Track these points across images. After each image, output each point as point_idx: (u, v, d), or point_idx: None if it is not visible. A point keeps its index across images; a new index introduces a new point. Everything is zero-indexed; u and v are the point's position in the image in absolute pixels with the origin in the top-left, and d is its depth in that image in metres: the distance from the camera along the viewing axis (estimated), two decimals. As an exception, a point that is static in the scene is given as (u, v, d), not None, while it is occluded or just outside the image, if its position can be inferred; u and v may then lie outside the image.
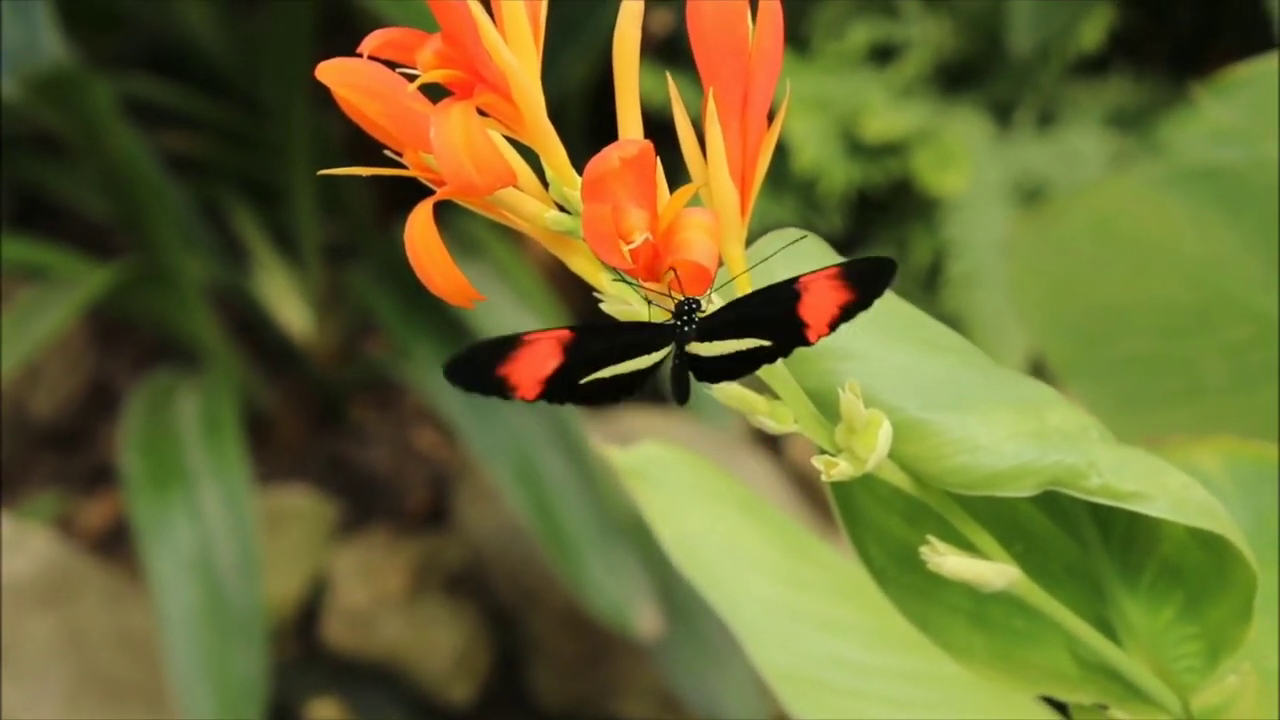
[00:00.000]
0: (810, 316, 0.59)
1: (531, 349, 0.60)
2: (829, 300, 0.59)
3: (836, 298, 0.59)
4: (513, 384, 0.60)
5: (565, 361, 0.61)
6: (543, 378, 0.60)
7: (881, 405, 0.64)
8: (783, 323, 0.60)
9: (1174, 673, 0.72)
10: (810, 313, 0.59)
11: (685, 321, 0.60)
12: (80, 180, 2.37)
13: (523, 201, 0.60)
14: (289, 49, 2.26)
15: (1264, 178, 1.31)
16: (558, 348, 0.61)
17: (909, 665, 0.96)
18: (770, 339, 0.60)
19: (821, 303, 0.59)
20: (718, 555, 0.98)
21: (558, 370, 0.61)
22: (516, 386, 0.60)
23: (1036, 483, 0.64)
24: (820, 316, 0.59)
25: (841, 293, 0.59)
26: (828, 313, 0.59)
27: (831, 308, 0.59)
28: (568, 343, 0.61)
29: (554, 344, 0.61)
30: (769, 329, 0.60)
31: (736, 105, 0.61)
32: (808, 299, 0.59)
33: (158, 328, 2.40)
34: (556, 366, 0.61)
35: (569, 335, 0.61)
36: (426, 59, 0.58)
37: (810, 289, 0.59)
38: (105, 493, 2.42)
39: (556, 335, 0.61)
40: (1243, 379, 1.31)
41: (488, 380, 0.60)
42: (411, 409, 2.52)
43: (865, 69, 2.39)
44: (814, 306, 0.59)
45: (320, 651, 2.27)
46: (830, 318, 0.59)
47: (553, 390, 0.61)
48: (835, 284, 0.59)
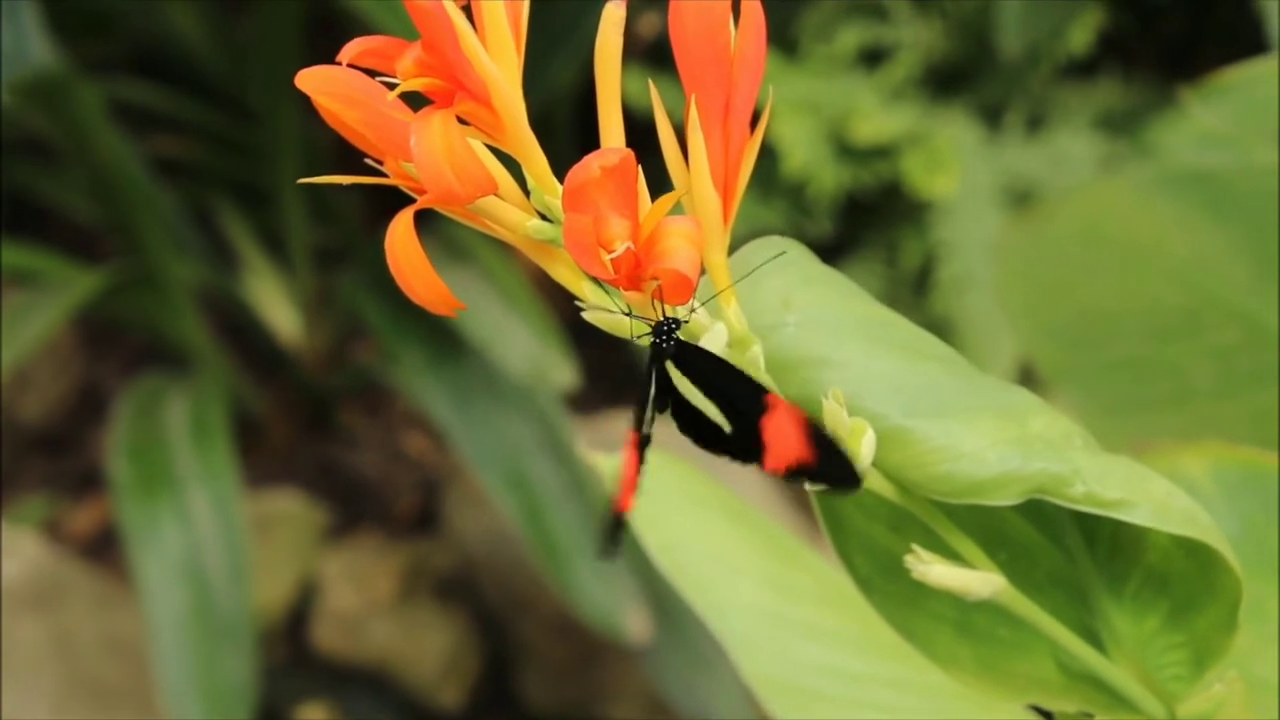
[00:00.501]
0: (772, 442, 0.60)
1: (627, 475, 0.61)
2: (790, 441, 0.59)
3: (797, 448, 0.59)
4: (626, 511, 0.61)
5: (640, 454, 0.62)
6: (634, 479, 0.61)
7: (865, 413, 0.63)
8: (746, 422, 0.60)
9: (1160, 681, 0.72)
10: (773, 437, 0.60)
11: (665, 340, 0.60)
12: (69, 184, 2.36)
13: (504, 210, 0.60)
14: (277, 53, 2.26)
15: (1252, 181, 1.31)
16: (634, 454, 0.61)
17: (895, 672, 0.95)
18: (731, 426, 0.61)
19: (784, 438, 0.59)
20: (703, 562, 0.98)
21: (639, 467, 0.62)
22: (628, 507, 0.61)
23: (1020, 491, 0.64)
24: (780, 453, 0.60)
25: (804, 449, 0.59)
26: (785, 457, 0.59)
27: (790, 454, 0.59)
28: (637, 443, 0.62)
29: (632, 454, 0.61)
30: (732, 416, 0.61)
31: (719, 112, 0.61)
32: (772, 420, 0.59)
33: (147, 332, 2.40)
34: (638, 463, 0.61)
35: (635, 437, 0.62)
36: (406, 67, 0.58)
37: (777, 412, 0.59)
38: (94, 497, 2.41)
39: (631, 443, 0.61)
40: (1231, 383, 1.31)
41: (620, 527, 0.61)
42: (400, 413, 2.51)
43: (855, 72, 2.39)
44: (777, 435, 0.59)
45: (309, 656, 2.27)
46: (786, 464, 0.60)
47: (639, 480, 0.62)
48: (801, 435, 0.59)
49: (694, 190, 0.61)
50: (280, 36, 2.26)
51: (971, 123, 2.35)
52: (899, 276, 2.34)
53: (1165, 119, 2.21)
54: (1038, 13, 2.26)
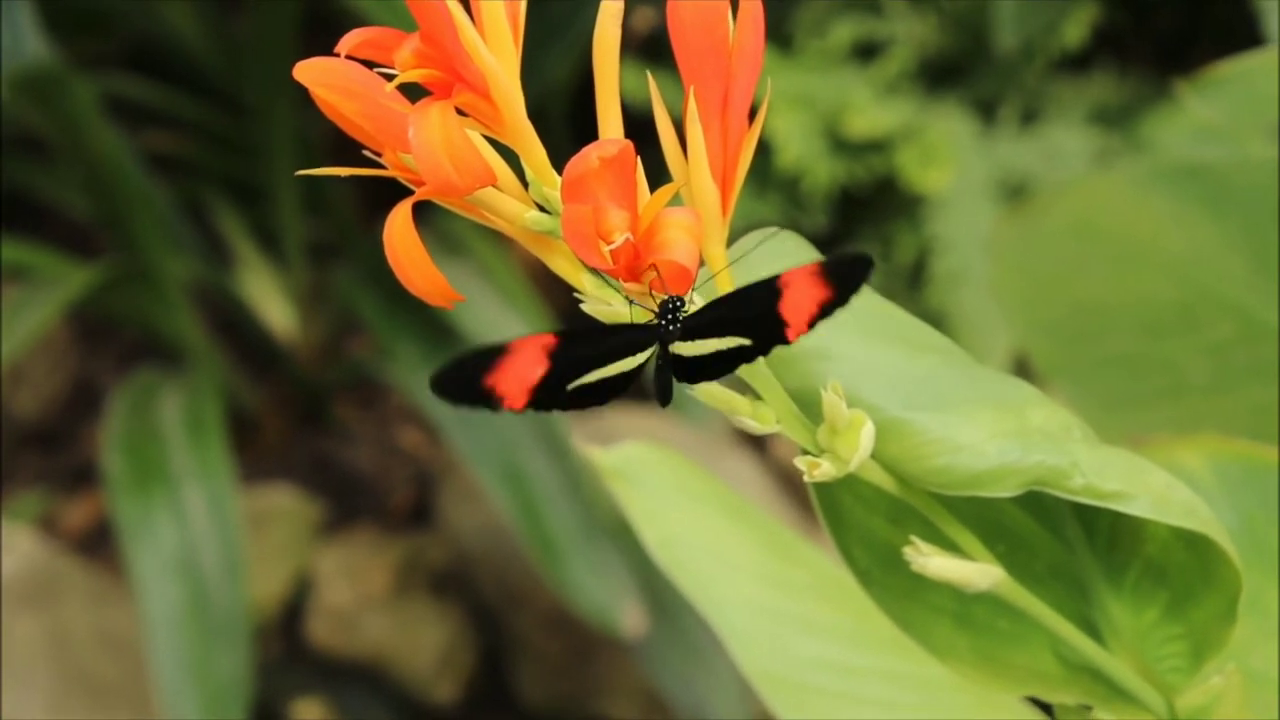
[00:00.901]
0: (790, 315, 0.58)
1: (516, 357, 0.59)
2: (808, 298, 0.58)
3: (815, 295, 0.58)
4: (500, 394, 0.59)
5: (552, 368, 0.60)
6: (530, 386, 0.59)
7: (864, 405, 0.63)
8: (763, 321, 0.59)
9: (1158, 673, 0.72)
10: (790, 311, 0.58)
11: (670, 321, 0.60)
12: (63, 180, 2.36)
13: (502, 201, 0.60)
14: (271, 48, 2.25)
15: (1247, 175, 1.30)
16: (543, 354, 0.60)
17: (893, 666, 0.95)
18: (751, 338, 0.59)
19: (801, 300, 0.58)
20: (701, 556, 0.98)
21: (545, 377, 0.60)
22: (504, 396, 0.59)
23: (1019, 483, 0.64)
24: (800, 315, 0.58)
25: (820, 290, 0.58)
26: (807, 311, 0.58)
27: (811, 305, 0.58)
28: (553, 348, 0.60)
29: (539, 350, 0.60)
30: (750, 327, 0.59)
31: (717, 104, 0.61)
32: (788, 296, 0.58)
33: (141, 327, 2.40)
34: (543, 374, 0.60)
35: (554, 341, 0.60)
36: (405, 58, 0.58)
37: (790, 286, 0.58)
38: (88, 493, 2.41)
39: (541, 341, 0.60)
40: (1226, 378, 1.31)
41: (475, 392, 0.59)
42: (395, 408, 2.51)
43: (849, 66, 2.39)
44: (794, 304, 0.58)
45: (304, 651, 2.26)
46: (809, 316, 0.58)
47: (540, 398, 0.60)
48: (814, 281, 0.58)
49: (692, 182, 0.60)
50: (275, 33, 2.26)
51: (966, 117, 2.36)
52: (893, 270, 2.34)
53: (1160, 113, 2.22)
54: (1032, 7, 2.26)
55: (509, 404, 0.59)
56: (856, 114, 2.30)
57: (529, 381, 0.59)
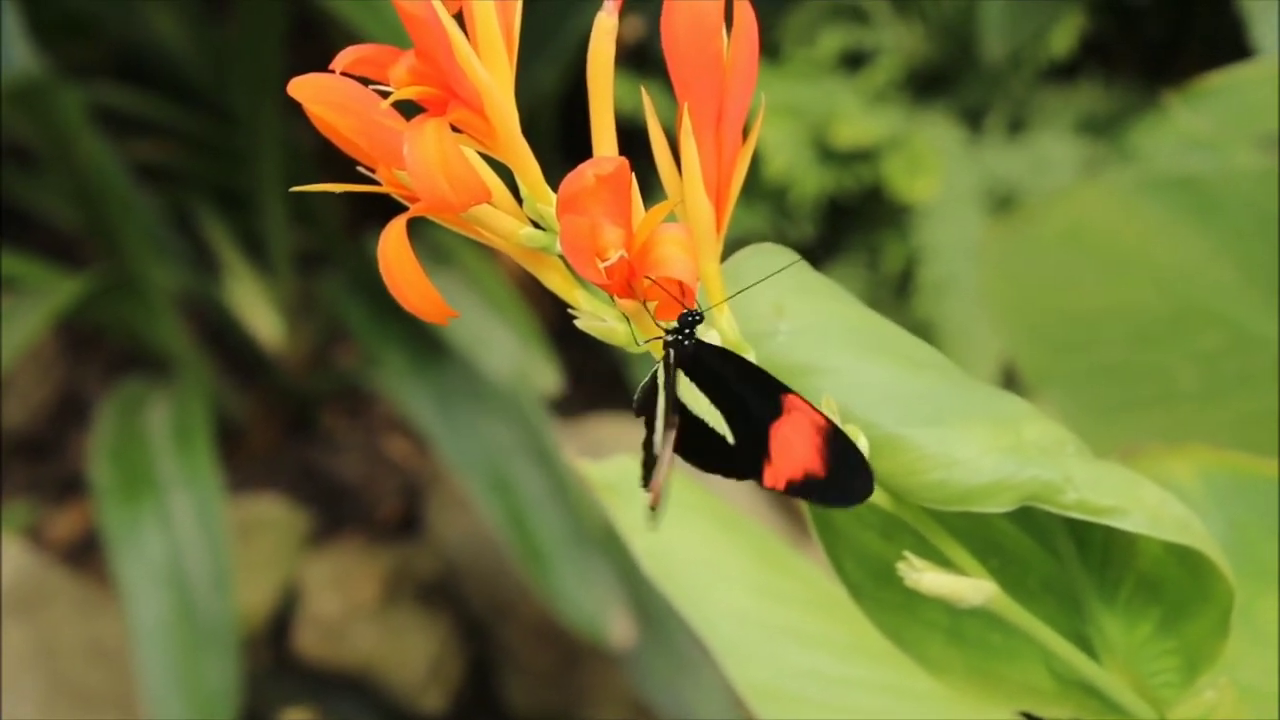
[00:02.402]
0: (778, 450, 0.59)
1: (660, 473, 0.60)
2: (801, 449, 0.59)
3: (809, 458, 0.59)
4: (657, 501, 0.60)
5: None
6: None
7: (858, 420, 0.63)
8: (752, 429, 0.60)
9: (1151, 687, 0.72)
10: (780, 445, 0.59)
11: (685, 336, 0.60)
12: (50, 189, 2.36)
13: (497, 218, 0.60)
14: (258, 57, 2.25)
15: (1235, 185, 1.31)
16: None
17: (884, 678, 0.95)
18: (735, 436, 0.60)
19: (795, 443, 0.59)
20: (691, 568, 0.98)
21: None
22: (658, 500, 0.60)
23: (1013, 498, 0.64)
24: (784, 463, 0.59)
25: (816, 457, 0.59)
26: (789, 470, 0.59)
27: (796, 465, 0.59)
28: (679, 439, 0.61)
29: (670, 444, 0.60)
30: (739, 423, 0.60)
31: (711, 119, 0.60)
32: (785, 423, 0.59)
33: (128, 337, 2.39)
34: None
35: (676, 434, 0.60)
36: (400, 75, 0.58)
37: (794, 414, 0.59)
38: (76, 503, 2.41)
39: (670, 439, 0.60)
40: (1214, 386, 1.31)
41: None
42: (382, 417, 2.51)
43: (836, 76, 2.39)
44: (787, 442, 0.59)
45: (292, 661, 2.26)
46: (789, 478, 0.59)
47: None
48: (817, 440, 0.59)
49: (687, 198, 0.60)
50: (261, 41, 2.25)
51: (953, 126, 2.36)
52: (881, 280, 2.34)
53: (1147, 123, 2.22)
54: (1019, 16, 2.26)
55: None
56: (844, 123, 2.30)
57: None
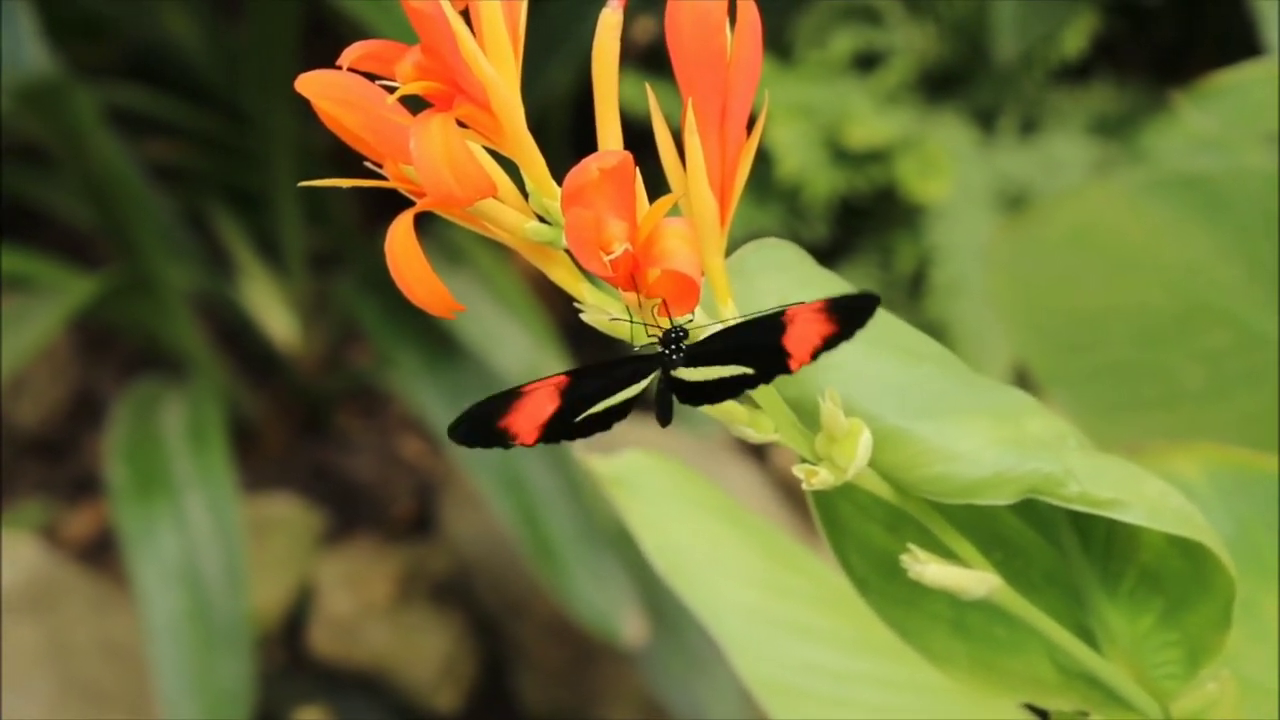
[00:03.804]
0: (794, 347, 0.60)
1: (529, 399, 0.62)
2: (813, 331, 0.60)
3: (820, 329, 0.60)
4: (513, 433, 0.62)
5: (562, 405, 0.62)
6: (541, 423, 0.62)
7: (861, 414, 0.64)
8: (768, 352, 0.60)
9: (1154, 679, 0.72)
10: (794, 343, 0.60)
11: (674, 350, 0.61)
12: (64, 189, 2.37)
13: (503, 212, 0.60)
14: (271, 57, 2.26)
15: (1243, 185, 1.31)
16: (554, 394, 0.62)
17: (890, 673, 0.96)
18: (754, 366, 0.61)
19: (805, 334, 0.60)
20: (700, 563, 0.98)
21: (554, 414, 0.62)
22: (516, 435, 0.62)
23: (1015, 491, 0.64)
24: (803, 346, 0.60)
25: (825, 325, 0.60)
26: (810, 343, 0.60)
27: (814, 338, 0.60)
28: (564, 388, 0.62)
29: (551, 391, 0.62)
30: (754, 357, 0.61)
31: (715, 115, 0.61)
32: (793, 330, 0.60)
33: (142, 337, 2.40)
34: (553, 411, 0.62)
35: (565, 381, 0.62)
36: (406, 71, 0.58)
37: (796, 321, 0.60)
38: (90, 502, 2.41)
39: (553, 383, 0.62)
40: (1221, 386, 1.31)
41: (490, 434, 0.62)
42: (396, 417, 2.52)
43: (848, 77, 2.39)
44: (798, 337, 0.60)
45: (306, 660, 2.27)
46: (812, 348, 0.60)
47: (550, 433, 0.62)
48: (820, 316, 0.60)
49: (691, 193, 0.61)
50: (274, 41, 2.26)
51: (965, 127, 2.36)
52: (893, 280, 2.34)
53: (1158, 123, 2.22)
54: (1031, 17, 2.26)
55: (521, 441, 0.62)
56: (856, 124, 2.30)
57: (540, 419, 0.62)
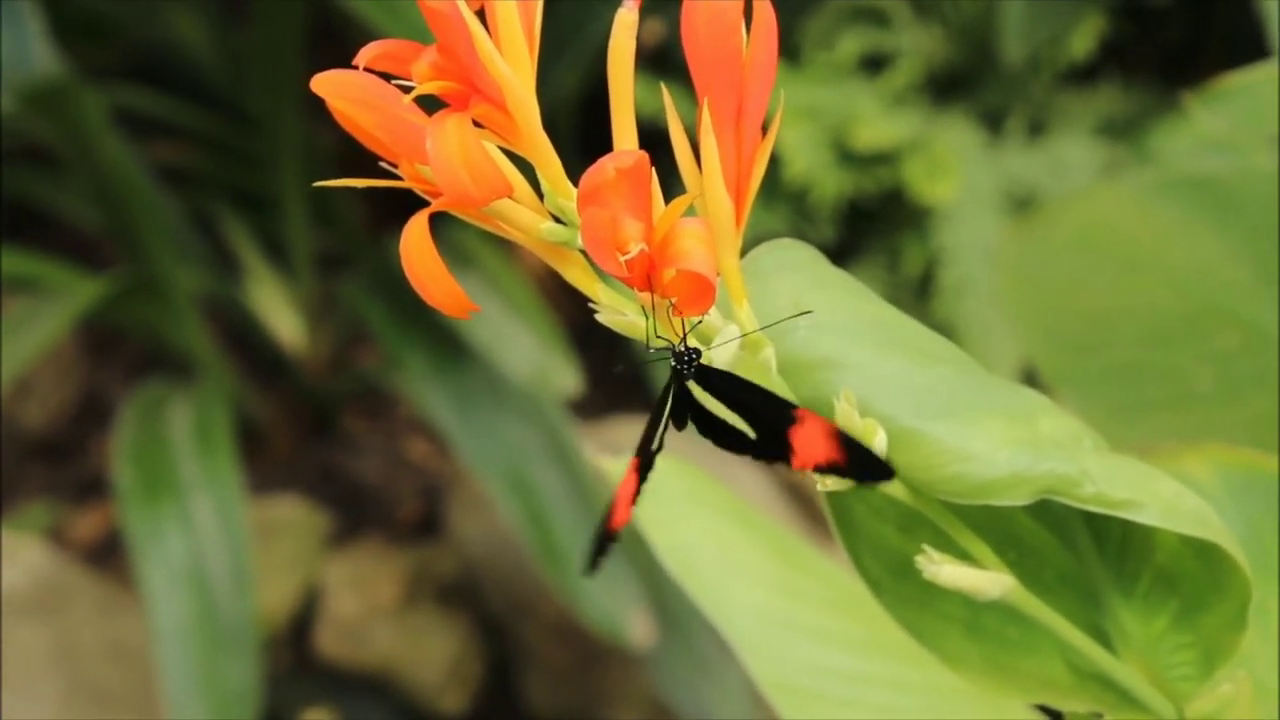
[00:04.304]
0: (800, 446, 0.61)
1: (621, 496, 0.62)
2: (819, 446, 0.61)
3: (827, 450, 0.61)
4: (619, 527, 0.62)
5: (640, 476, 0.63)
6: (630, 499, 0.63)
7: (876, 414, 0.64)
8: (773, 431, 0.61)
9: (1169, 680, 0.72)
10: (801, 443, 0.61)
11: (685, 366, 0.61)
12: (71, 191, 2.37)
13: (518, 213, 0.60)
14: (278, 59, 2.26)
15: (1252, 186, 1.31)
16: (634, 476, 0.63)
17: (901, 675, 0.96)
18: (758, 434, 0.62)
19: (812, 443, 0.61)
20: (711, 564, 0.98)
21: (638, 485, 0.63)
22: (620, 524, 0.63)
23: (1030, 491, 0.64)
24: (808, 454, 0.61)
25: (833, 451, 0.61)
26: (814, 457, 0.61)
27: (819, 455, 0.61)
28: (638, 466, 0.63)
29: (632, 476, 0.63)
30: (760, 426, 0.62)
31: (731, 115, 0.61)
32: (801, 431, 0.61)
33: (149, 339, 2.40)
34: (637, 483, 0.63)
35: (636, 461, 0.63)
36: (422, 70, 0.58)
37: (806, 424, 0.61)
38: (97, 504, 2.41)
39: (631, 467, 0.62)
40: (1231, 387, 1.31)
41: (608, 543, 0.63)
42: (403, 419, 2.52)
43: (856, 79, 2.39)
44: (805, 442, 0.61)
45: (312, 662, 2.27)
46: (815, 463, 0.61)
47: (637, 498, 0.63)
48: (831, 441, 0.61)
49: (707, 193, 0.61)
50: (281, 43, 2.26)
51: (972, 129, 2.36)
52: (901, 282, 2.34)
53: (1166, 125, 2.22)
54: (1039, 19, 2.26)
55: (622, 523, 0.63)
56: (864, 126, 2.30)
57: (629, 497, 0.63)
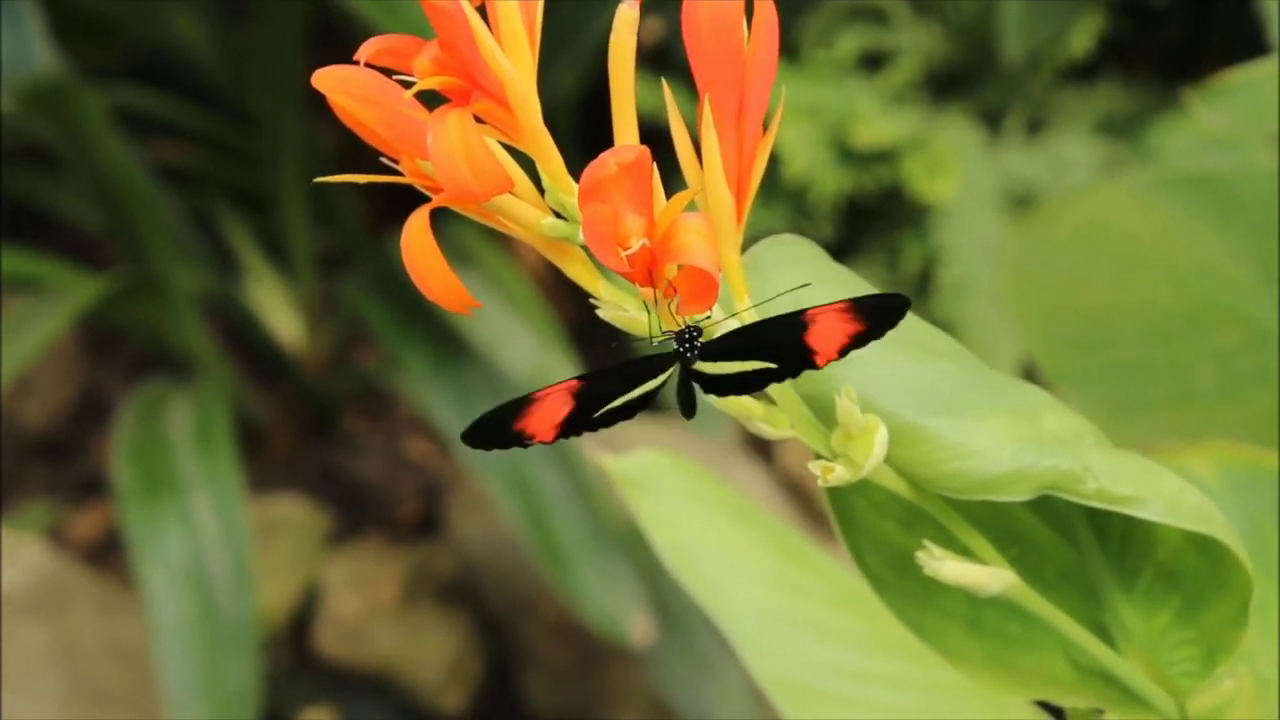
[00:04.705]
0: (819, 344, 0.60)
1: (544, 404, 0.62)
2: (839, 330, 0.60)
3: (847, 328, 0.60)
4: (530, 434, 0.62)
5: (576, 406, 0.62)
6: (557, 423, 0.62)
7: (878, 411, 0.64)
8: (790, 350, 0.61)
9: (1170, 676, 0.72)
10: (819, 340, 0.60)
11: (689, 348, 0.61)
12: (71, 191, 2.37)
13: (519, 208, 0.60)
14: (278, 59, 2.26)
15: (1253, 183, 1.31)
16: (568, 397, 0.62)
17: (903, 672, 0.96)
18: (777, 363, 0.61)
19: (831, 332, 0.60)
20: (712, 562, 0.98)
21: (570, 414, 0.62)
22: (534, 435, 0.62)
23: (1032, 487, 0.64)
24: (829, 344, 0.60)
25: (852, 323, 0.60)
26: (837, 341, 0.60)
27: (841, 337, 0.60)
28: (577, 390, 0.62)
29: (564, 395, 0.62)
30: (776, 355, 0.61)
31: (732, 111, 0.61)
32: (816, 329, 0.60)
33: (149, 338, 2.40)
34: (569, 412, 0.62)
35: (577, 384, 0.62)
36: (423, 66, 0.58)
37: (819, 320, 0.60)
38: (96, 503, 2.41)
39: (566, 387, 0.62)
40: (1232, 384, 1.31)
41: (506, 436, 0.62)
42: (403, 418, 2.52)
43: (855, 77, 2.39)
44: (823, 335, 0.60)
45: (312, 661, 2.27)
46: (839, 345, 0.60)
47: (567, 430, 0.62)
48: (846, 316, 0.60)
49: (708, 189, 0.61)
50: (281, 42, 2.26)
51: (972, 127, 2.36)
52: (900, 280, 2.34)
53: (1165, 123, 2.22)
54: (1038, 17, 2.26)
55: (539, 439, 0.62)
56: (863, 124, 2.30)
57: (556, 420, 0.62)
